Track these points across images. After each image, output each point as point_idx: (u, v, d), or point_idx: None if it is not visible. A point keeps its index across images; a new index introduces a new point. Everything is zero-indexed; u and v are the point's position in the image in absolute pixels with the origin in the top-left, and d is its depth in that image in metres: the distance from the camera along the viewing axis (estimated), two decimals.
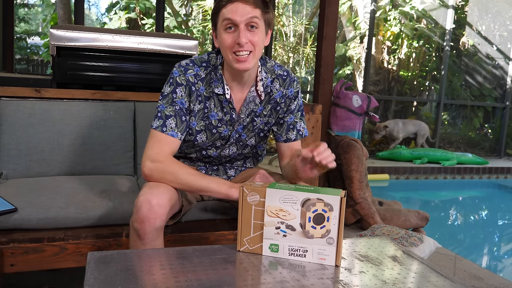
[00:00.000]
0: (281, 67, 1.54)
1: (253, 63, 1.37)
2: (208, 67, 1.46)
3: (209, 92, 1.46)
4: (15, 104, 1.90)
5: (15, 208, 1.47)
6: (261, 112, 1.52)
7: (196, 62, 1.46)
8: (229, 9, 1.31)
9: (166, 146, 1.39)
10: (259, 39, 1.36)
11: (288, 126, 1.56)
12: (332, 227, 1.08)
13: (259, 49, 1.38)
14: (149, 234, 1.28)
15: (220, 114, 1.48)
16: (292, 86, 1.53)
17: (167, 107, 1.41)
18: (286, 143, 1.57)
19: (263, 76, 1.48)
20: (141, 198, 1.28)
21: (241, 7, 1.31)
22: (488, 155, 7.82)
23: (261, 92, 1.48)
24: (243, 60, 1.34)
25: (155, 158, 1.36)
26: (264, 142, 1.64)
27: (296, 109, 1.56)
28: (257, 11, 1.33)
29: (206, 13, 8.29)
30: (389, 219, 2.94)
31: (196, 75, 1.44)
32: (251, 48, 1.34)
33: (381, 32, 7.89)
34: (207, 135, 1.50)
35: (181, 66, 1.45)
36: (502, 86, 8.16)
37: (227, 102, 1.46)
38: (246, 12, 1.31)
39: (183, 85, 1.43)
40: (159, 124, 1.40)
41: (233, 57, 1.34)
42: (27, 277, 1.95)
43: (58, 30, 2.10)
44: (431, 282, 1.03)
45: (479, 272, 2.29)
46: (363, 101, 3.12)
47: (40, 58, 9.31)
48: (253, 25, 1.33)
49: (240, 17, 1.31)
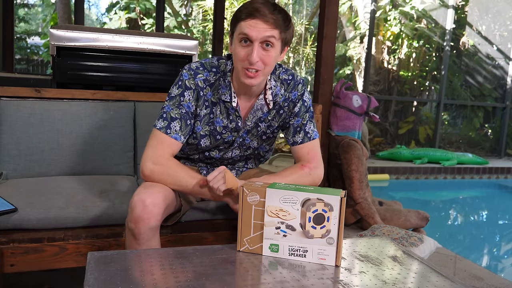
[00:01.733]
0: (286, 71, 1.52)
1: (260, 80, 1.36)
2: (218, 73, 1.45)
3: (216, 98, 1.45)
4: (15, 104, 1.89)
5: (15, 208, 1.47)
6: (266, 117, 1.52)
7: (206, 67, 1.45)
8: (248, 24, 1.29)
9: (169, 148, 1.39)
10: (271, 59, 1.33)
11: (294, 129, 1.54)
12: (332, 227, 1.08)
13: (270, 67, 1.36)
14: (144, 234, 1.27)
15: (226, 121, 1.47)
16: (296, 89, 1.51)
17: (173, 109, 1.41)
18: (294, 146, 1.55)
19: (272, 84, 1.47)
20: (135, 198, 1.28)
21: (260, 24, 1.28)
22: (488, 155, 7.82)
23: (269, 101, 1.47)
24: (252, 76, 1.33)
25: (157, 161, 1.36)
26: (267, 144, 1.62)
27: (303, 110, 1.53)
28: (275, 32, 1.31)
29: (206, 13, 8.29)
30: (389, 219, 2.94)
31: (205, 80, 1.43)
32: (261, 67, 1.32)
33: (381, 32, 7.88)
34: (211, 140, 1.50)
35: (191, 70, 1.43)
36: (502, 86, 8.16)
37: (233, 110, 1.45)
38: (263, 30, 1.29)
39: (191, 89, 1.42)
40: (163, 126, 1.39)
41: (243, 71, 1.33)
42: (27, 277, 1.95)
43: (58, 30, 2.10)
44: (431, 282, 1.03)
45: (479, 272, 2.29)
46: (363, 101, 3.12)
47: (40, 58, 9.31)
48: (269, 44, 1.31)
49: (256, 34, 1.29)
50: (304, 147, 1.54)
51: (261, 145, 1.61)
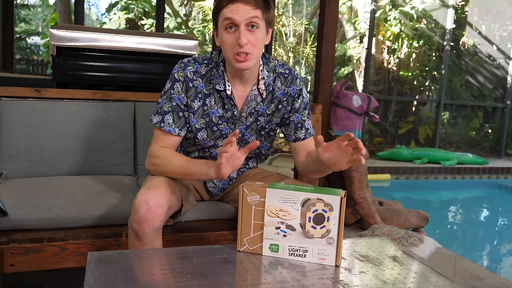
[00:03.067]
0: (283, 65, 1.54)
1: (253, 62, 1.38)
2: (210, 64, 1.47)
3: (209, 89, 1.47)
4: (15, 104, 1.89)
5: (6, 212, 1.46)
6: (264, 112, 1.52)
7: (197, 60, 1.48)
8: (230, 9, 1.32)
9: (163, 142, 1.45)
10: (259, 39, 1.36)
11: (295, 126, 1.56)
12: (332, 227, 1.08)
13: (259, 49, 1.38)
14: (148, 235, 1.28)
15: (221, 111, 1.48)
16: (295, 84, 1.53)
17: (166, 103, 1.46)
18: (296, 142, 1.57)
19: (264, 74, 1.49)
20: (139, 199, 1.28)
21: (242, 7, 1.31)
22: (488, 155, 7.83)
23: (262, 90, 1.48)
24: (243, 60, 1.35)
25: (150, 153, 1.44)
26: (268, 142, 1.63)
27: (302, 107, 1.56)
28: (257, 11, 1.34)
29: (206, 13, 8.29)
30: (389, 219, 2.94)
31: (196, 72, 1.46)
32: (250, 49, 1.34)
33: (381, 32, 7.88)
34: (208, 133, 1.50)
35: (182, 63, 1.47)
36: (503, 86, 8.16)
37: (228, 99, 1.47)
38: (246, 12, 1.32)
39: (180, 81, 1.45)
40: (158, 120, 1.45)
41: (234, 57, 1.35)
42: (27, 277, 1.95)
43: (58, 30, 2.10)
44: (431, 282, 1.03)
45: (479, 272, 2.29)
46: (363, 101, 3.12)
47: (40, 58, 9.31)
48: (254, 25, 1.34)
49: (240, 17, 1.31)
50: (307, 143, 1.57)
51: (262, 143, 1.61)
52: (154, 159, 1.43)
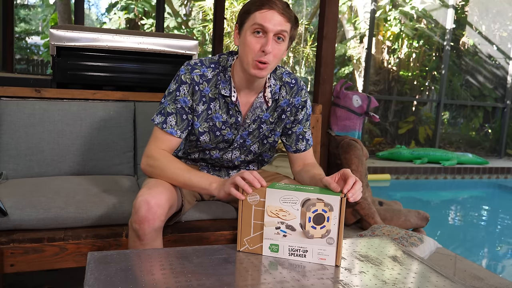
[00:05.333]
0: (290, 74, 1.53)
1: (268, 72, 1.37)
2: (217, 68, 1.45)
3: (215, 94, 1.45)
4: (15, 104, 1.89)
5: (6, 212, 1.46)
6: (268, 119, 1.52)
7: (204, 63, 1.46)
8: (264, 15, 1.30)
9: (163, 143, 1.42)
10: (280, 52, 1.35)
11: (297, 137, 1.56)
12: (332, 227, 1.08)
13: (277, 62, 1.38)
14: (149, 235, 1.28)
15: (225, 116, 1.47)
16: (300, 95, 1.52)
17: (170, 104, 1.43)
18: (296, 153, 1.58)
19: (271, 83, 1.48)
20: (139, 199, 1.28)
21: (276, 16, 1.30)
22: (488, 155, 7.83)
23: (268, 98, 1.48)
24: (261, 68, 1.33)
25: (149, 154, 1.41)
26: (271, 151, 1.64)
27: (305, 119, 1.56)
28: (288, 25, 1.33)
29: (206, 13, 8.29)
30: (389, 219, 2.94)
31: (202, 76, 1.44)
32: (271, 60, 1.33)
33: (381, 32, 7.88)
34: (211, 137, 1.50)
35: (189, 65, 1.45)
36: (503, 86, 8.16)
37: (233, 105, 1.45)
38: (279, 23, 1.30)
39: (187, 83, 1.43)
40: (160, 121, 1.42)
41: (254, 62, 1.33)
42: (27, 277, 1.95)
43: (58, 30, 2.10)
44: (431, 282, 1.03)
45: (479, 272, 2.29)
46: (363, 101, 3.12)
47: (40, 58, 9.31)
48: (281, 37, 1.33)
49: (272, 26, 1.30)
50: (305, 154, 1.58)
51: (264, 152, 1.61)
52: (152, 161, 1.40)
